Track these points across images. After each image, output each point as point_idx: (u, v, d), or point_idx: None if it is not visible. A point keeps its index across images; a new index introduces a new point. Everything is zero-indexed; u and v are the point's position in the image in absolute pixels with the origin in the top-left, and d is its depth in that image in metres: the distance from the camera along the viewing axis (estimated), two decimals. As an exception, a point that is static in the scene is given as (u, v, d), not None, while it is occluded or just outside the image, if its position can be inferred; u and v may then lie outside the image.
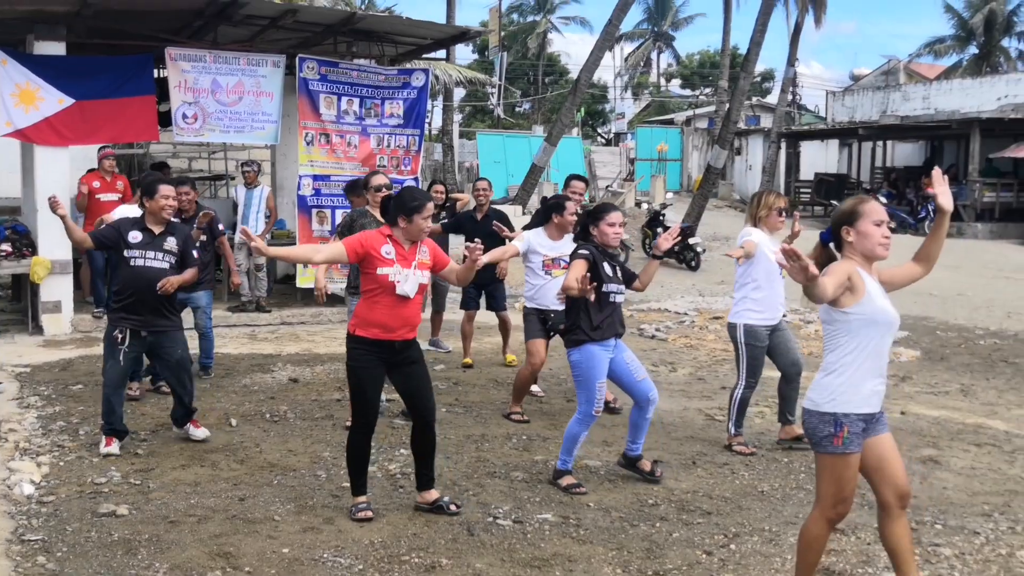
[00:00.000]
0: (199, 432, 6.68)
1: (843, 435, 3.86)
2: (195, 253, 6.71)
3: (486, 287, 9.27)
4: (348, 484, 5.74)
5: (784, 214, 6.63)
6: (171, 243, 6.48)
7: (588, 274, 5.55)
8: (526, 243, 7.36)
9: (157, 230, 6.47)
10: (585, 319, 5.67)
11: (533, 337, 7.40)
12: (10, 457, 6.19)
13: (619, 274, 5.86)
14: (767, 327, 6.54)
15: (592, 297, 5.57)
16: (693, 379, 9.12)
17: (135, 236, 6.40)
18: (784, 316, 6.74)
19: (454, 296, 10.64)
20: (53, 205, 6.34)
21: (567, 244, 7.18)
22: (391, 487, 5.76)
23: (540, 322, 7.36)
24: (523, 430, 7.09)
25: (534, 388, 8.19)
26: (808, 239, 6.65)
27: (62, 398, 7.82)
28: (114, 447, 6.31)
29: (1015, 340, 11.70)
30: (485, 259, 6.83)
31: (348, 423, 6.91)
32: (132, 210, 7.94)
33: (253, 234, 5.04)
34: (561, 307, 6.22)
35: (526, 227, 7.90)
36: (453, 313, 10.74)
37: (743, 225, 6.83)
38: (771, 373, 7.05)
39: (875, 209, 3.98)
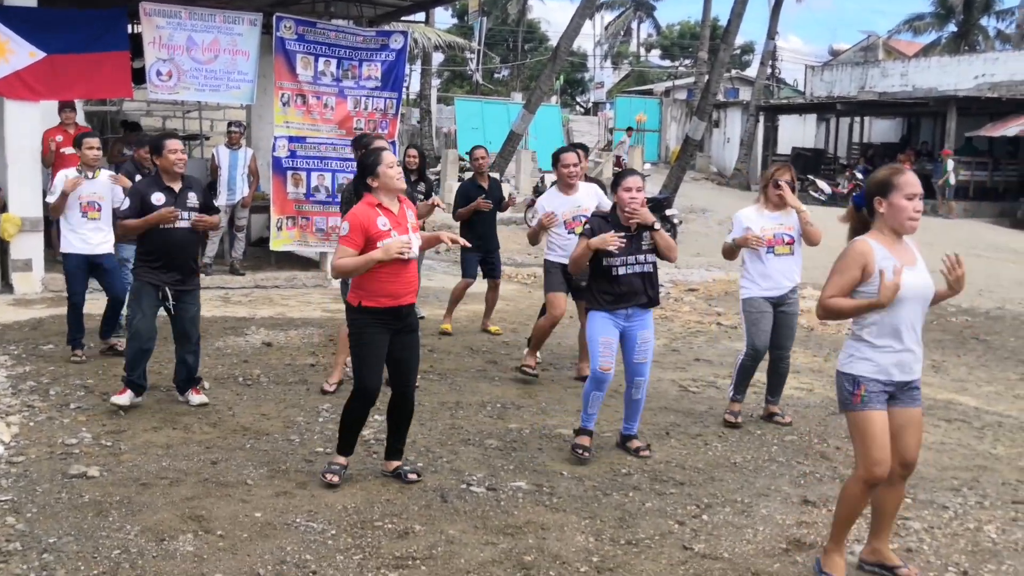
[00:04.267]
0: (197, 398, 6.64)
1: (860, 393, 4.04)
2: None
3: (488, 254, 9.31)
4: (322, 449, 5.74)
5: (778, 185, 6.43)
6: (192, 199, 6.49)
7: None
8: (540, 210, 7.39)
9: (176, 187, 6.45)
10: (592, 286, 5.82)
11: (555, 290, 7.46)
12: (-22, 416, 6.11)
13: (640, 244, 5.72)
14: (766, 298, 6.49)
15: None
16: (667, 350, 9.14)
17: (159, 198, 6.37)
18: (793, 292, 6.55)
19: (427, 263, 10.55)
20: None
21: (582, 198, 7.31)
22: (364, 453, 5.73)
23: (563, 275, 7.33)
24: (498, 398, 7.08)
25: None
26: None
27: (32, 358, 7.72)
28: (125, 398, 6.36)
29: (986, 318, 11.82)
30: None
31: (326, 386, 6.95)
32: (70, 174, 7.73)
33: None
34: None
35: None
36: (428, 280, 10.70)
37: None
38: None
39: (909, 182, 3.97)
